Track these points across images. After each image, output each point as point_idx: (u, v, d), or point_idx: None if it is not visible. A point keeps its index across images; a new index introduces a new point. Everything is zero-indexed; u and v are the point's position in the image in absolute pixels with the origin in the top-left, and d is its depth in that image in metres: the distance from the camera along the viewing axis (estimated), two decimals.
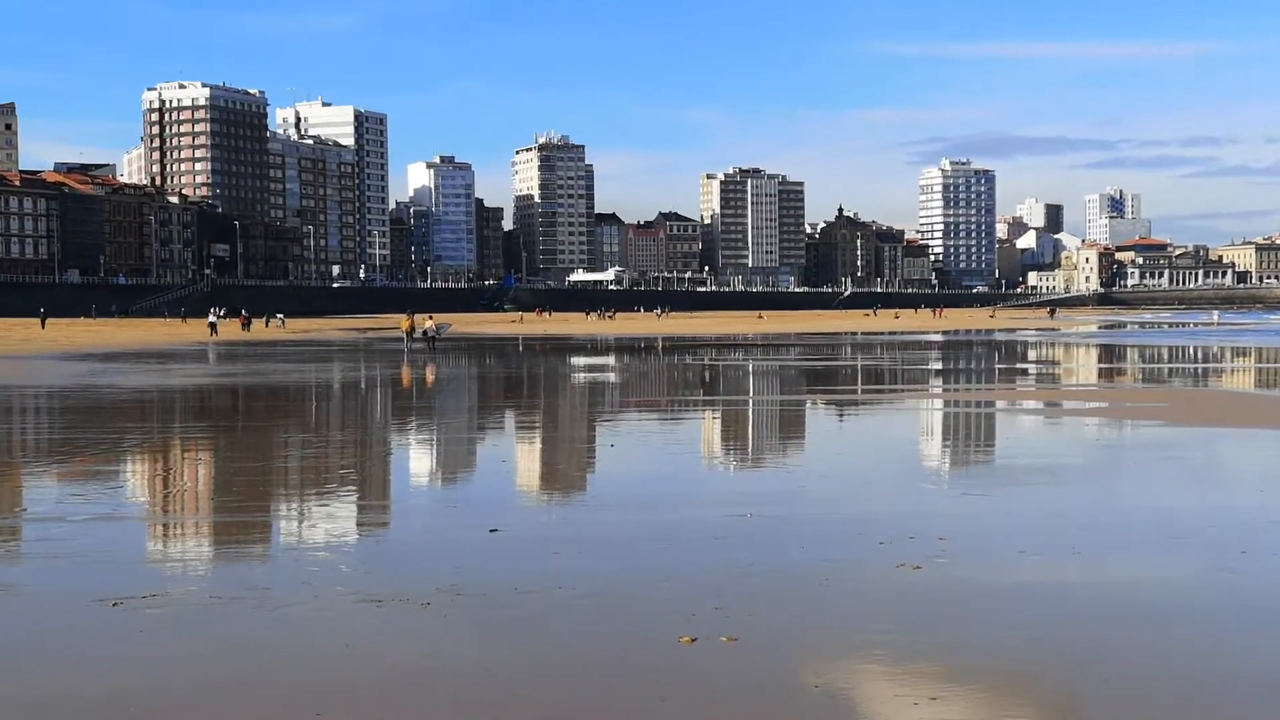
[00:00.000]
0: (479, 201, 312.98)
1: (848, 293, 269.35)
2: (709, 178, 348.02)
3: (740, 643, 8.45)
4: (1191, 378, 41.24)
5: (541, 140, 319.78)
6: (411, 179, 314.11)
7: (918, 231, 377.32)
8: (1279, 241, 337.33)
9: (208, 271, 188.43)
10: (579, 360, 53.36)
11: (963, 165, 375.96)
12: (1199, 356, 54.90)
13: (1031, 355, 56.85)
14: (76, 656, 8.38)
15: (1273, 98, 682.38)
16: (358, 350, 64.08)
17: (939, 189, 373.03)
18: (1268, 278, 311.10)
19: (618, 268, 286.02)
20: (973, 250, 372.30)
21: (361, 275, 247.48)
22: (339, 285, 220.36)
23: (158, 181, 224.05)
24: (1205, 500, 14.39)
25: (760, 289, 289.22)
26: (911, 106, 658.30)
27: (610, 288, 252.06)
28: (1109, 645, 8.40)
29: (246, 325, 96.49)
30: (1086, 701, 7.33)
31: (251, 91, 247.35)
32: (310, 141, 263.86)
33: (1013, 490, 15.46)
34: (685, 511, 13.78)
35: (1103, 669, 7.89)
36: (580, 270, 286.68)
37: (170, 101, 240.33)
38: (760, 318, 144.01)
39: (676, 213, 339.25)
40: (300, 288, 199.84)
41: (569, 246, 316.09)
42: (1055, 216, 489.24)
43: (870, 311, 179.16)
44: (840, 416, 26.98)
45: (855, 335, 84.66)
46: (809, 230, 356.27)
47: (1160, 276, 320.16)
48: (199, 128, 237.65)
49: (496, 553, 11.53)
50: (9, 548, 12.16)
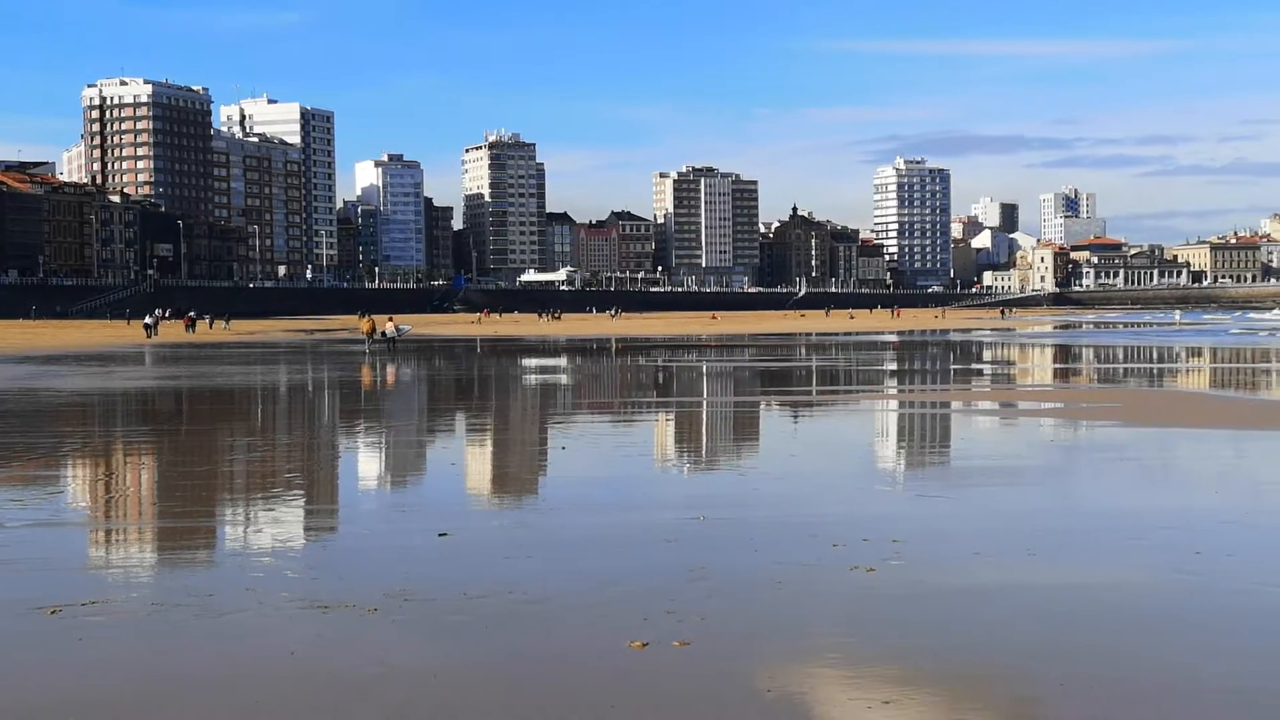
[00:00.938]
0: (428, 200, 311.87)
1: (802, 293, 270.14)
2: (662, 176, 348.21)
3: (692, 647, 8.34)
4: (1147, 378, 41.53)
5: (492, 138, 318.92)
6: (359, 178, 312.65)
7: (873, 231, 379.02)
8: (1234, 241, 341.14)
9: (150, 272, 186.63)
10: (531, 362, 53.17)
11: (918, 164, 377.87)
12: (1156, 357, 55.34)
13: (986, 356, 57.11)
14: (12, 665, 8.19)
15: (1227, 97, 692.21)
16: (304, 352, 63.64)
17: (894, 188, 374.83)
18: (1223, 277, 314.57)
19: (570, 268, 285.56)
20: (928, 250, 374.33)
21: (308, 276, 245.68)
22: (285, 286, 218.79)
23: (99, 180, 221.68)
24: (1160, 501, 14.42)
25: (714, 289, 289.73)
26: (866, 105, 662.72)
27: (562, 288, 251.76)
28: (1064, 648, 8.35)
29: (191, 326, 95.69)
30: (1041, 704, 7.27)
31: (195, 88, 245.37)
32: (255, 139, 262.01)
33: (967, 492, 15.43)
34: (637, 515, 13.66)
35: (1058, 671, 7.83)
36: (532, 270, 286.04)
37: (111, 98, 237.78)
38: (714, 318, 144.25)
39: (629, 212, 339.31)
40: (246, 288, 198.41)
41: (520, 246, 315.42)
42: (1010, 216, 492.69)
43: (824, 312, 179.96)
44: (794, 418, 26.95)
45: (809, 336, 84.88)
46: (763, 230, 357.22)
47: (1115, 276, 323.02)
48: (141, 125, 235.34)
49: (446, 557, 11.38)
50: None
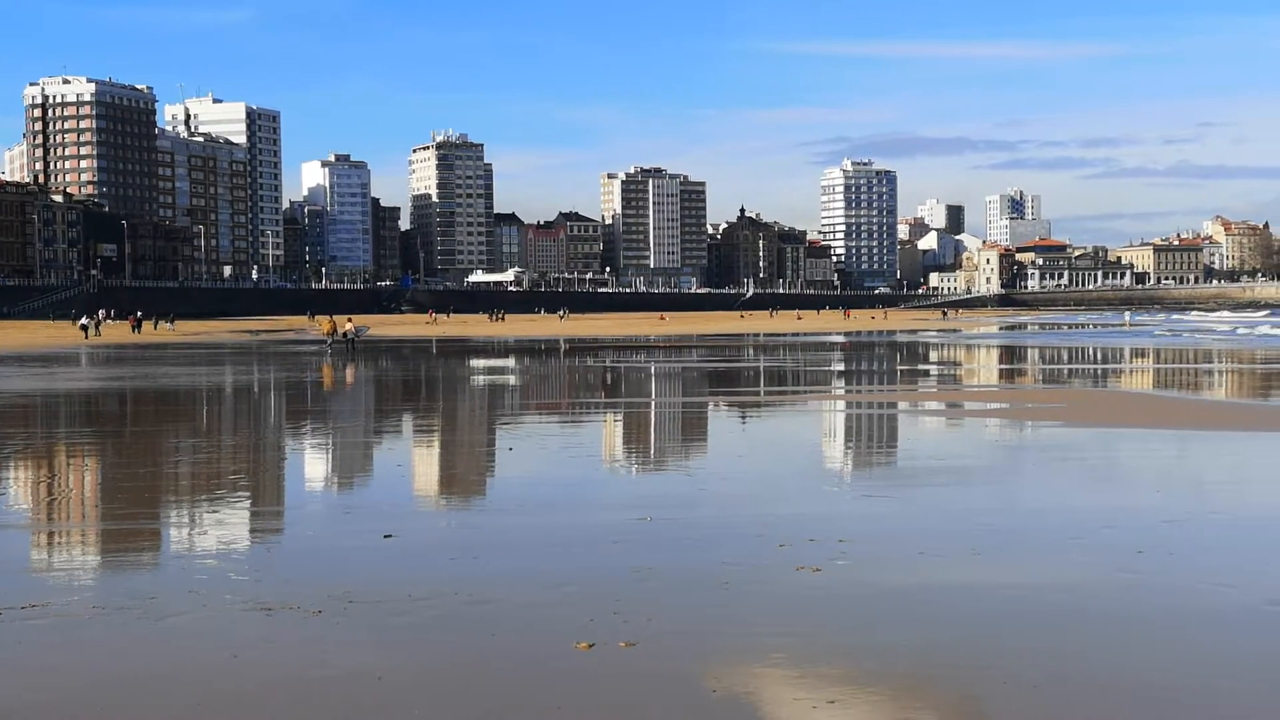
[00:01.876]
0: (375, 201, 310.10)
1: (750, 294, 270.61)
2: (610, 177, 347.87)
3: (638, 648, 8.34)
4: (1092, 379, 41.89)
5: (439, 138, 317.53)
6: (306, 178, 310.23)
7: (820, 232, 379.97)
8: (1176, 243, 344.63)
9: (94, 272, 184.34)
10: (480, 363, 53.03)
11: (864, 165, 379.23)
12: (1104, 358, 55.84)
13: (932, 357, 57.44)
14: None
15: (1170, 100, 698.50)
16: (250, 353, 63.18)
17: (840, 189, 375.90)
18: (1165, 279, 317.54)
19: (518, 269, 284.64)
20: (875, 251, 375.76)
21: (254, 276, 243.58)
22: (231, 286, 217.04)
23: (41, 179, 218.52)
24: (1103, 501, 14.53)
25: (662, 290, 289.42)
26: (813, 106, 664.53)
27: (510, 289, 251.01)
28: (1007, 646, 8.41)
29: (138, 327, 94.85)
30: (985, 703, 7.32)
31: (139, 87, 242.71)
32: (201, 139, 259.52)
33: (913, 492, 15.51)
34: (584, 515, 13.65)
35: (1002, 670, 7.89)
36: (480, 271, 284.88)
37: (54, 97, 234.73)
38: (662, 319, 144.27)
39: (577, 213, 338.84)
40: (191, 289, 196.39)
41: (468, 247, 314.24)
42: (956, 217, 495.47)
43: (768, 313, 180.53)
44: (742, 419, 27.00)
45: (757, 336, 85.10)
46: (711, 231, 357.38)
47: (1060, 277, 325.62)
48: (84, 124, 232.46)
49: (391, 559, 11.33)
50: None
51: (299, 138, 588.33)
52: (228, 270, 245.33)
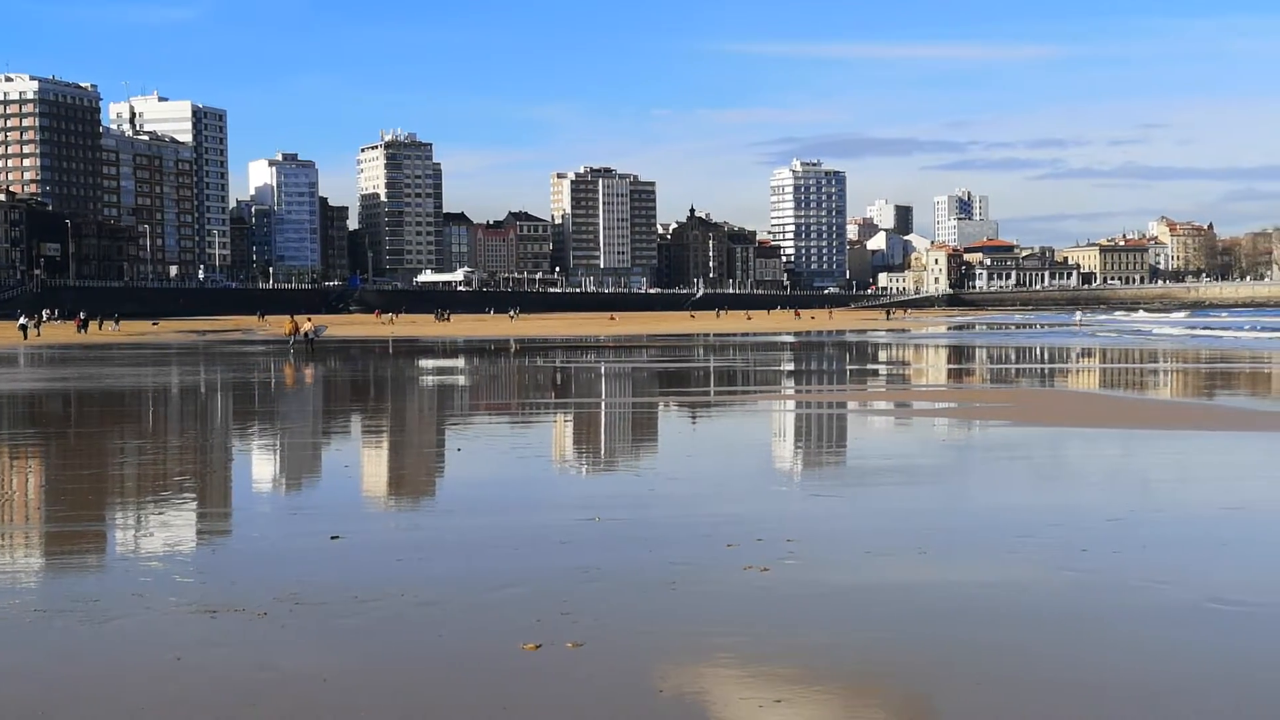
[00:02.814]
0: (323, 200, 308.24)
1: (700, 294, 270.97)
2: (559, 177, 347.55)
3: (585, 648, 8.33)
4: (1038, 378, 42.21)
5: (388, 138, 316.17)
6: (253, 177, 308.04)
7: (769, 232, 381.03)
8: (1122, 244, 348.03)
9: (38, 272, 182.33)
10: (430, 363, 52.84)
11: (813, 166, 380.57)
12: (1050, 358, 56.29)
13: (882, 357, 57.72)
14: None
15: (1116, 101, 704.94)
16: (197, 353, 62.67)
17: (790, 190, 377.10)
18: (1112, 279, 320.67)
19: (467, 268, 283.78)
20: (824, 251, 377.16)
21: (201, 276, 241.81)
22: (178, 286, 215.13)
23: None
24: (1049, 499, 14.65)
25: (612, 290, 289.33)
26: (762, 107, 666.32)
27: (460, 289, 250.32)
28: (954, 645, 8.46)
29: (83, 327, 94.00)
30: (932, 700, 7.36)
31: (83, 85, 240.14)
32: (146, 138, 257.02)
33: (861, 491, 15.59)
34: (532, 516, 13.63)
35: (947, 668, 7.93)
36: (429, 271, 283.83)
37: None
38: (612, 319, 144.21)
39: (527, 212, 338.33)
40: (137, 289, 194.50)
41: (417, 247, 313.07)
42: (905, 218, 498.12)
43: (714, 313, 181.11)
44: (692, 419, 27.03)
45: (707, 336, 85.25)
46: (661, 231, 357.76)
47: (1008, 278, 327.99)
48: (27, 122, 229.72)
49: (337, 560, 11.27)
50: None
51: (246, 137, 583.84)
52: (174, 270, 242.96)
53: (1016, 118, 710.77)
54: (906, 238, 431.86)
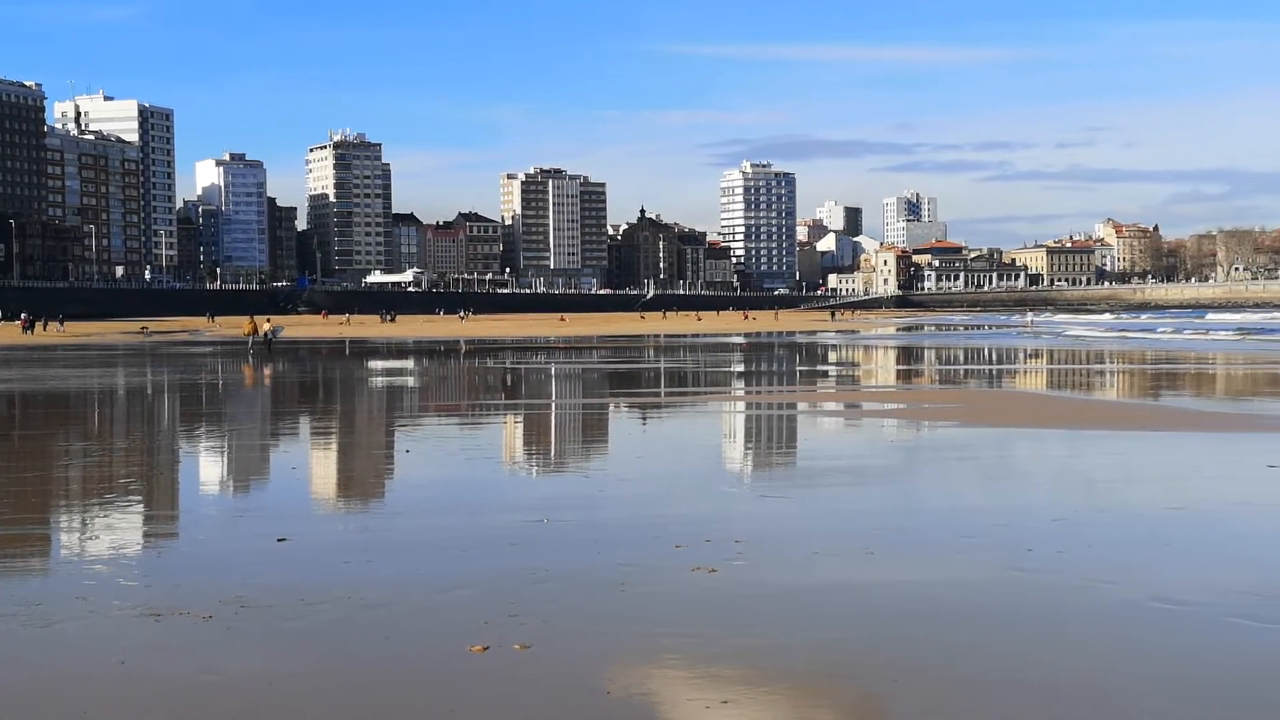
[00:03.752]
0: (271, 200, 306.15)
1: (651, 295, 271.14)
2: (509, 178, 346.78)
3: (533, 650, 8.32)
4: (984, 379, 42.51)
5: (337, 138, 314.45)
6: (200, 177, 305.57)
7: (720, 234, 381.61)
8: (1069, 245, 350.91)
9: None
10: (378, 364, 52.63)
11: (763, 168, 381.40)
12: (997, 359, 56.70)
13: (831, 358, 57.94)
14: None
15: (1062, 104, 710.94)
16: (143, 354, 62.12)
17: (740, 191, 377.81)
18: (1059, 280, 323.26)
19: (416, 269, 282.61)
20: (774, 252, 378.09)
21: (147, 276, 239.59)
22: (124, 287, 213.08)
23: None
24: (995, 500, 14.75)
25: (563, 291, 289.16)
26: (711, 108, 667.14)
27: (409, 290, 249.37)
28: (902, 644, 8.51)
29: (29, 328, 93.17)
30: (879, 700, 7.40)
31: (27, 84, 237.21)
32: (91, 137, 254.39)
33: (809, 492, 15.64)
34: (481, 517, 13.60)
35: (895, 668, 7.97)
36: (378, 272, 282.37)
37: None
38: (563, 320, 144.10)
39: (476, 213, 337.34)
40: (82, 289, 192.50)
41: (366, 247, 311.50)
42: (854, 219, 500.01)
43: (660, 314, 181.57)
44: (642, 420, 27.04)
45: (658, 338, 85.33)
46: (611, 232, 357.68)
47: (956, 279, 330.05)
48: None
49: (284, 563, 11.20)
50: None
51: (193, 136, 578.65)
52: (120, 270, 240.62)
53: (964, 120, 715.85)
54: (856, 239, 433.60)
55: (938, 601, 9.75)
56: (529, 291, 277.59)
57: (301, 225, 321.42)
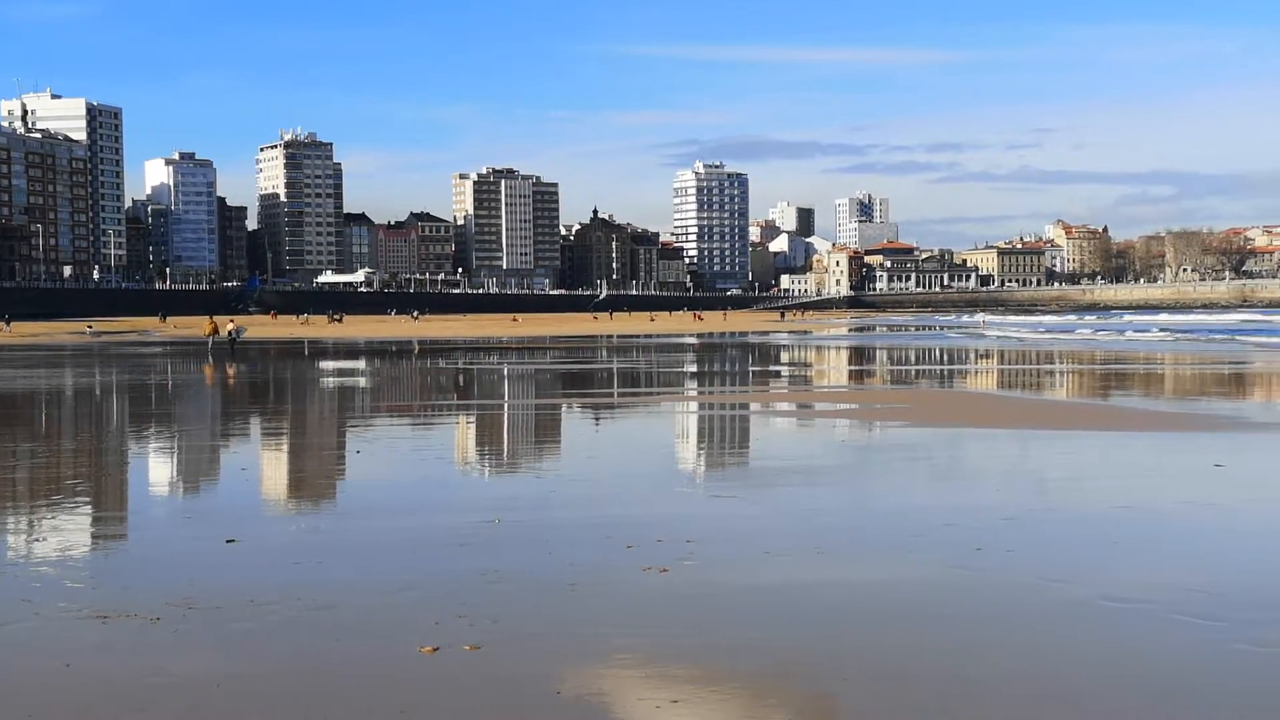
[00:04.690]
0: (221, 200, 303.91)
1: (603, 295, 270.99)
2: (461, 178, 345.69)
3: (483, 650, 8.30)
4: (938, 379, 42.74)
5: (287, 137, 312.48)
6: (149, 176, 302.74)
7: (673, 234, 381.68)
8: (1019, 246, 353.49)
9: None
10: (329, 365, 52.36)
11: (716, 168, 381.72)
12: (949, 359, 57.03)
13: (784, 358, 58.10)
14: None
15: (1012, 106, 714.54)
16: (92, 355, 61.53)
17: (693, 192, 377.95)
18: (1009, 281, 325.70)
19: (368, 269, 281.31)
20: (727, 253, 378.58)
21: (96, 276, 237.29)
22: (72, 287, 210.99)
23: None
24: (945, 499, 14.84)
25: (516, 291, 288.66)
26: (664, 109, 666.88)
27: (361, 290, 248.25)
28: (852, 643, 8.55)
29: None
30: (830, 699, 7.42)
31: None
32: (39, 135, 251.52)
33: (760, 492, 15.67)
34: (432, 518, 13.55)
35: (845, 666, 8.00)
36: (329, 272, 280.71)
37: None
38: (515, 320, 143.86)
39: (429, 213, 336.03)
40: (29, 289, 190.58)
41: (317, 247, 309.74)
42: (807, 220, 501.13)
43: (608, 314, 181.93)
44: (595, 420, 27.03)
45: (610, 338, 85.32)
46: (564, 232, 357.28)
47: (908, 280, 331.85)
48: None
49: (233, 564, 11.13)
50: None
51: (142, 135, 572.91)
52: (68, 270, 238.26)
53: (915, 121, 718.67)
54: (808, 240, 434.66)
55: (888, 600, 9.80)
56: (481, 292, 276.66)
57: (252, 225, 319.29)
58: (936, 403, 30.38)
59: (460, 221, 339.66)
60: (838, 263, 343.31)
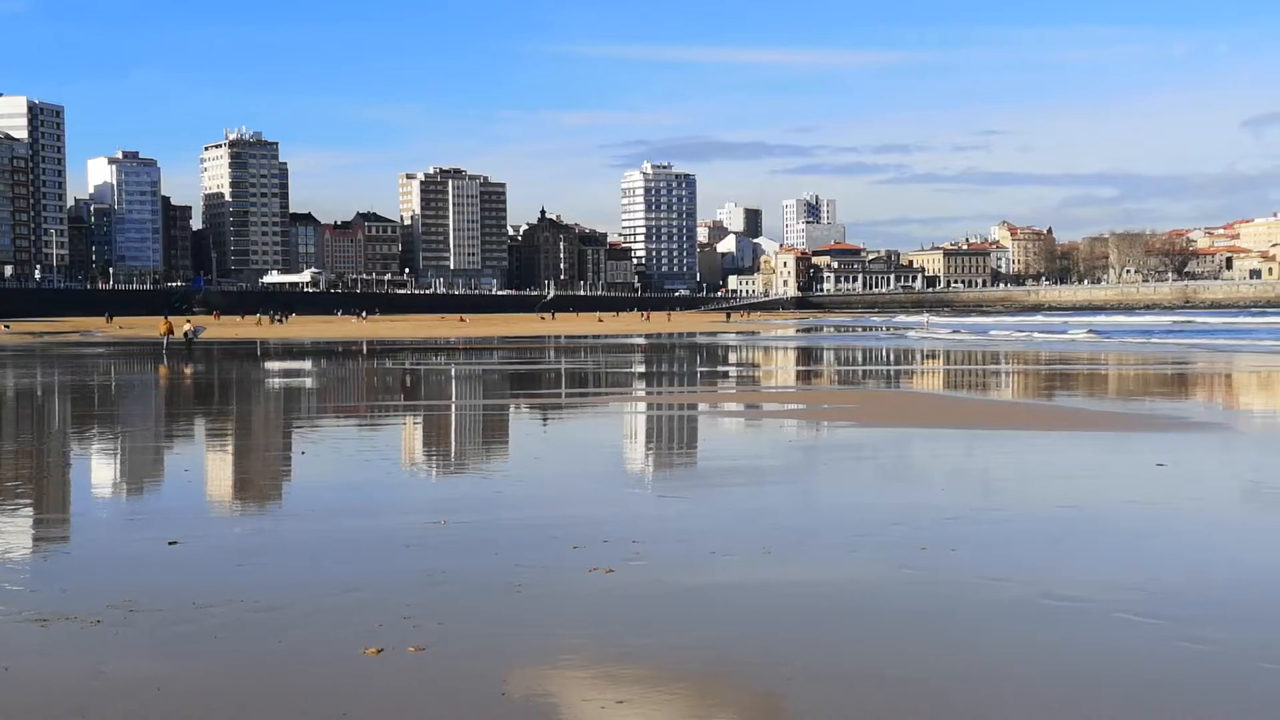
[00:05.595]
0: (166, 200, 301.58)
1: (551, 296, 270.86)
2: (409, 178, 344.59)
3: (428, 652, 8.27)
4: (884, 380, 42.96)
5: (232, 136, 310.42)
6: (92, 175, 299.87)
7: (621, 234, 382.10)
8: (965, 247, 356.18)
9: None
10: (275, 365, 52.00)
11: (664, 169, 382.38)
12: (894, 359, 57.33)
13: (731, 359, 58.24)
14: None
15: (958, 108, 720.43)
16: (34, 356, 60.82)
17: (641, 192, 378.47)
18: (955, 282, 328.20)
19: (314, 269, 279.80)
20: (675, 254, 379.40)
21: (37, 276, 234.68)
22: (12, 287, 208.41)
23: None
24: (890, 499, 14.91)
25: (463, 292, 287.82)
26: (611, 109, 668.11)
27: (307, 290, 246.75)
28: (798, 643, 8.57)
29: None
30: (776, 699, 7.44)
31: None
32: None
33: (707, 492, 15.69)
34: (376, 519, 13.48)
35: (791, 666, 8.02)
36: (275, 272, 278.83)
37: None
38: (463, 321, 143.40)
39: (375, 213, 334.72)
40: None
41: (263, 247, 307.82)
42: (755, 221, 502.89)
43: (551, 314, 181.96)
44: (542, 421, 26.98)
45: (559, 339, 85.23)
46: (512, 232, 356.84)
47: (855, 281, 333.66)
48: None
49: (175, 566, 11.02)
50: None
51: (85, 134, 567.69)
52: (9, 270, 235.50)
53: (862, 123, 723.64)
54: (756, 240, 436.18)
55: (833, 600, 9.83)
56: (428, 292, 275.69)
57: (197, 225, 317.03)
58: (883, 403, 30.55)
59: (407, 222, 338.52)
60: (785, 264, 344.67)
